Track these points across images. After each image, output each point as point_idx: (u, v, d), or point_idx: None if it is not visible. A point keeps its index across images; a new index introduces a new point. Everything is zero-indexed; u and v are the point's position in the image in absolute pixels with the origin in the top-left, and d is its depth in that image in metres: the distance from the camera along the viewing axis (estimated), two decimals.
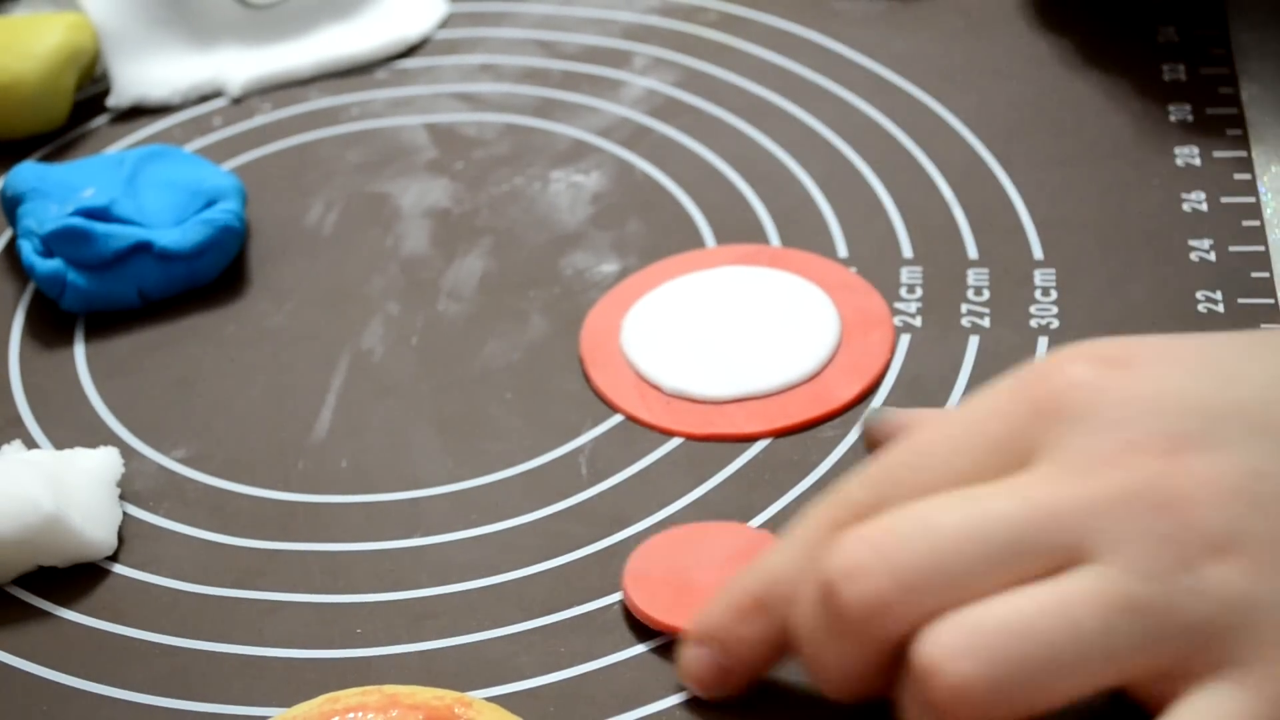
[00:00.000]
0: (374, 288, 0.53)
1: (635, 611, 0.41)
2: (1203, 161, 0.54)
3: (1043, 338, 0.48)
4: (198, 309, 0.53)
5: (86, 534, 0.44)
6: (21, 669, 0.42)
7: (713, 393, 0.47)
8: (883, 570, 0.33)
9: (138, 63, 0.62)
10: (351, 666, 0.42)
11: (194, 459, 0.48)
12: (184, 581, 0.44)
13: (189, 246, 0.52)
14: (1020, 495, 0.33)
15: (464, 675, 0.41)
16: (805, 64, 0.61)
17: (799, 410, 0.46)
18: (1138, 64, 0.58)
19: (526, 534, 0.45)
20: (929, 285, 0.51)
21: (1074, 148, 0.55)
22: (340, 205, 0.57)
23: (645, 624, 0.41)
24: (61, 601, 0.44)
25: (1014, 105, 0.57)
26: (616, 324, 0.50)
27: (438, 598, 0.43)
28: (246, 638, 0.43)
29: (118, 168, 0.54)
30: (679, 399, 0.47)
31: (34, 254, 0.52)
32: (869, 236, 0.53)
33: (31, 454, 0.46)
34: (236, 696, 0.41)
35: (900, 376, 0.48)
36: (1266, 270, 0.49)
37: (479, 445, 0.47)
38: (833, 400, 0.47)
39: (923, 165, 0.55)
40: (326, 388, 0.50)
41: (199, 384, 0.50)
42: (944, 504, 0.34)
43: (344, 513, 0.46)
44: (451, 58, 0.63)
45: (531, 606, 0.43)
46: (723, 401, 0.47)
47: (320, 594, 0.44)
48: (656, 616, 0.40)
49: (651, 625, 0.41)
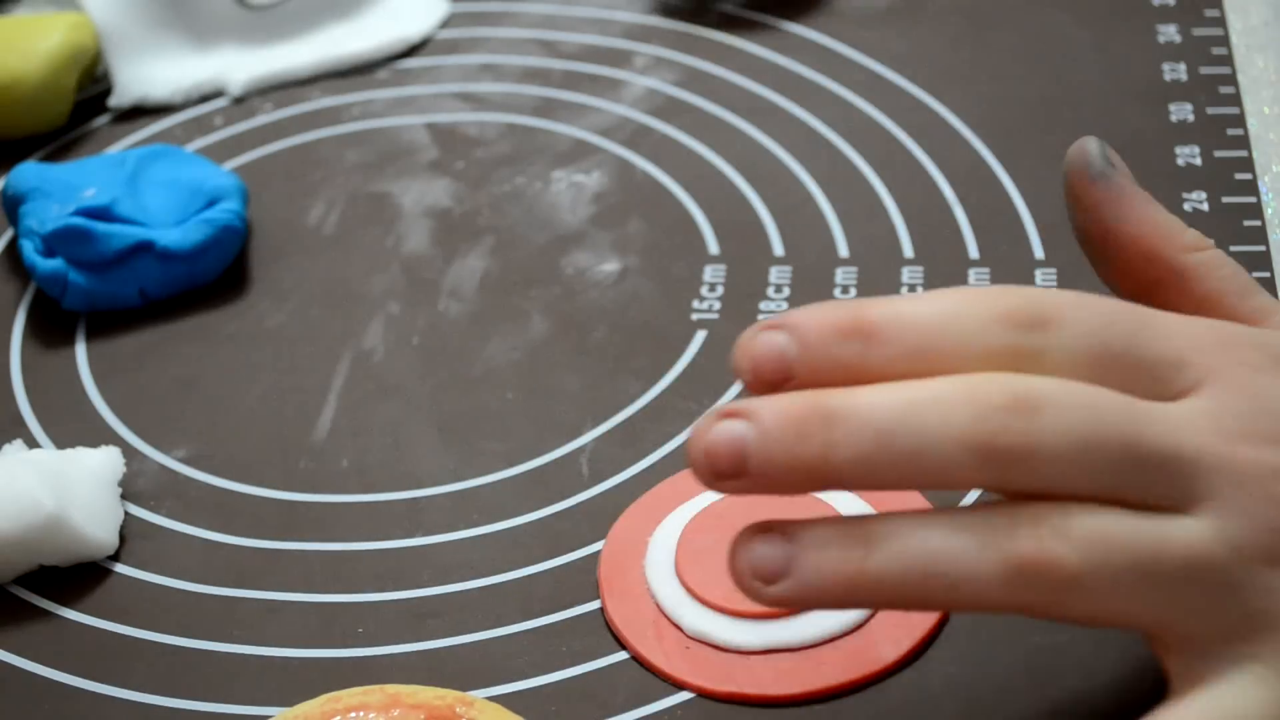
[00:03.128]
0: (375, 287, 0.53)
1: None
2: (1203, 161, 0.54)
3: None
4: (199, 309, 0.53)
5: (88, 533, 0.44)
6: (23, 668, 0.42)
7: (737, 639, 0.41)
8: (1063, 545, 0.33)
9: (139, 62, 0.62)
10: (353, 666, 0.42)
11: (195, 458, 0.48)
12: (185, 581, 0.44)
13: (190, 246, 0.52)
14: (1175, 426, 0.33)
15: (465, 675, 0.41)
16: (805, 64, 0.61)
17: (834, 670, 0.40)
18: (1138, 63, 0.58)
19: (527, 534, 0.45)
20: (930, 285, 0.51)
21: None
22: (341, 205, 0.57)
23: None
24: (63, 601, 0.44)
25: (1014, 105, 0.57)
26: (644, 539, 0.44)
27: (439, 597, 0.43)
28: (248, 637, 0.43)
29: (119, 167, 0.54)
30: (699, 642, 0.41)
31: (35, 253, 0.52)
32: (869, 236, 0.53)
33: (33, 453, 0.46)
34: (238, 696, 0.41)
35: None
36: (1268, 270, 0.49)
37: (480, 445, 0.47)
38: (875, 660, 0.40)
39: (923, 165, 0.55)
40: (328, 387, 0.50)
41: (200, 383, 0.50)
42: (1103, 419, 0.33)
43: (345, 512, 0.46)
44: (452, 57, 0.63)
45: (533, 606, 0.43)
46: (748, 652, 0.40)
47: (322, 593, 0.44)
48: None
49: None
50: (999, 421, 0.32)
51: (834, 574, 0.33)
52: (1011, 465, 0.32)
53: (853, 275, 0.51)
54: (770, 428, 0.33)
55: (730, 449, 0.33)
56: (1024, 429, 0.32)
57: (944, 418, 0.33)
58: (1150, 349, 0.34)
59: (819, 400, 0.33)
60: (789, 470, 0.33)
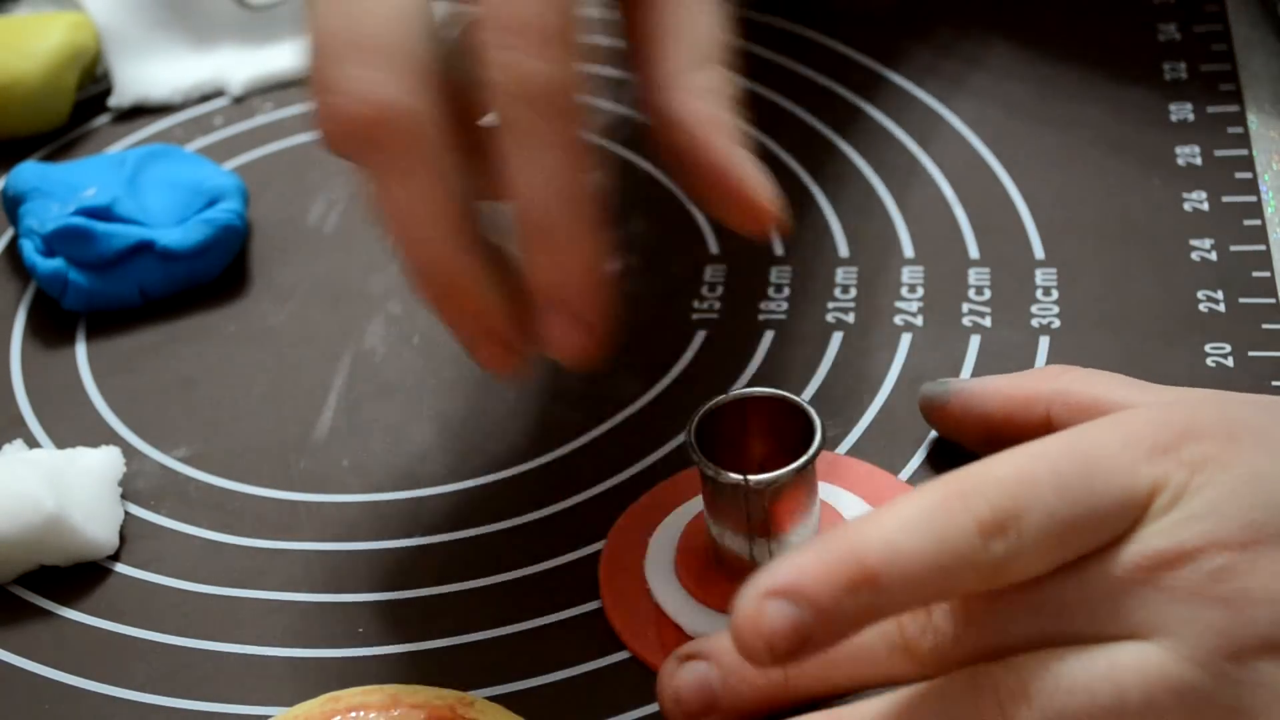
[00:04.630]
0: (375, 287, 0.53)
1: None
2: (1204, 160, 0.54)
3: (1044, 337, 0.48)
4: (199, 308, 0.53)
5: (88, 533, 0.44)
6: (23, 668, 0.42)
7: None
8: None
9: (139, 62, 0.62)
10: (353, 666, 0.42)
11: (195, 458, 0.48)
12: (185, 580, 0.44)
13: (190, 246, 0.52)
14: (1098, 573, 0.34)
15: (466, 674, 0.41)
16: (805, 64, 0.61)
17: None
18: (1139, 62, 0.58)
19: (527, 534, 0.45)
20: (930, 285, 0.51)
21: (1075, 147, 0.55)
22: (341, 204, 0.57)
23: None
24: (63, 600, 0.44)
25: (1014, 105, 0.57)
26: (644, 540, 0.44)
27: (439, 597, 0.43)
28: (248, 637, 0.43)
29: (119, 167, 0.54)
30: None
31: (35, 253, 0.52)
32: (869, 236, 0.53)
33: (33, 453, 0.46)
34: (238, 696, 0.41)
35: (901, 376, 0.48)
36: (1268, 270, 0.49)
37: (480, 445, 0.47)
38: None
39: (923, 165, 0.55)
40: (328, 387, 0.50)
41: (201, 383, 0.50)
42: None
43: (345, 512, 0.46)
44: None
45: (533, 606, 0.43)
46: None
47: (322, 593, 0.44)
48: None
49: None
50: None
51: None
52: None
53: (853, 275, 0.51)
54: (733, 667, 0.35)
55: (698, 693, 0.37)
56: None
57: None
58: (1100, 503, 0.34)
59: None
60: (756, 702, 0.37)
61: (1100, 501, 0.34)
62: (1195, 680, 0.33)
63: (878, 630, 0.35)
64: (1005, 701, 0.33)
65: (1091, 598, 0.34)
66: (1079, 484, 0.34)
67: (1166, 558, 0.33)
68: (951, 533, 0.33)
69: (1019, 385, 0.42)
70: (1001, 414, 0.42)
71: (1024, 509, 0.33)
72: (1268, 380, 0.46)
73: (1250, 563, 0.33)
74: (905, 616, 0.35)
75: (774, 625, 0.32)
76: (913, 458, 0.45)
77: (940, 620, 0.35)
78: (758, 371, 0.49)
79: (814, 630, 0.32)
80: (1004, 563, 0.33)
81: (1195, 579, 0.33)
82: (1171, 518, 0.34)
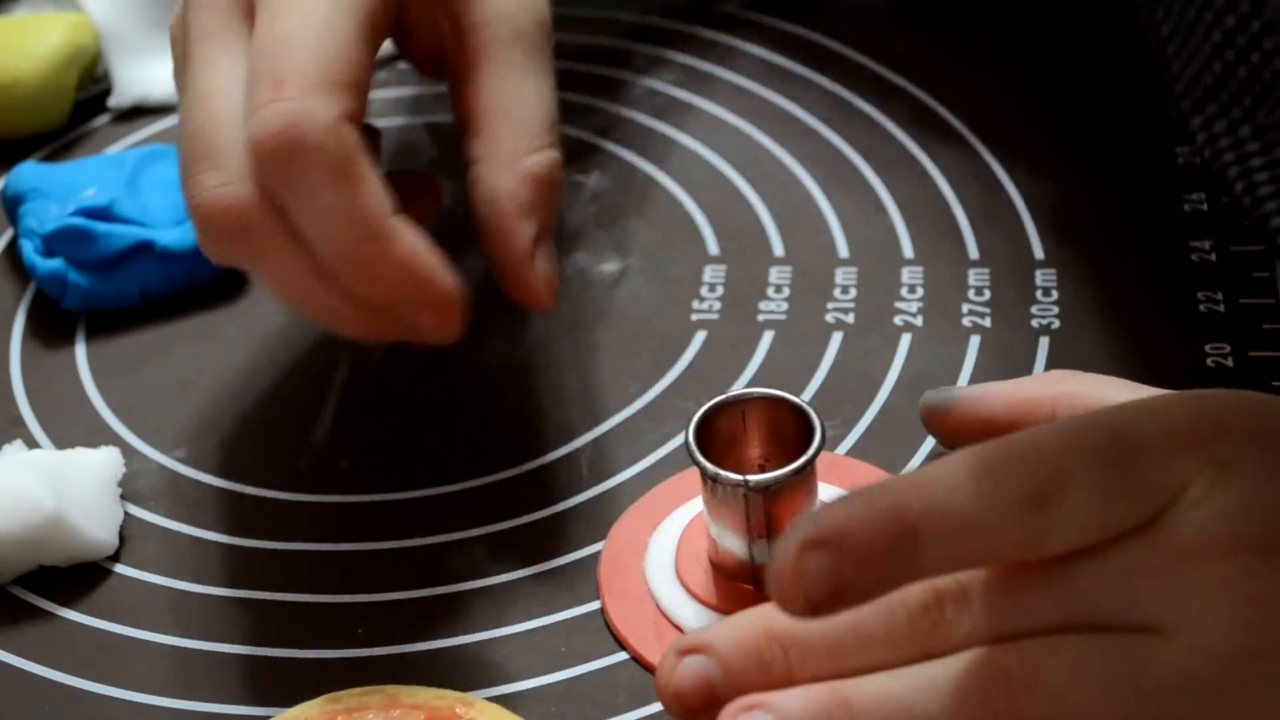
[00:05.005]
0: None
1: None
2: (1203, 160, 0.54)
3: (1044, 337, 0.48)
4: (199, 309, 0.53)
5: (87, 533, 0.44)
6: (22, 668, 0.42)
7: None
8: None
9: (139, 62, 0.62)
10: (353, 666, 0.42)
11: (195, 458, 0.48)
12: (185, 581, 0.44)
13: (190, 246, 0.52)
14: (1124, 560, 0.34)
15: (465, 675, 0.41)
16: (805, 64, 0.61)
17: None
18: (1138, 59, 0.58)
19: (527, 534, 0.45)
20: (930, 285, 0.51)
21: (1075, 147, 0.55)
22: None
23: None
24: (62, 601, 0.44)
25: (1014, 105, 0.57)
26: (644, 540, 0.44)
27: (439, 597, 0.43)
28: (247, 638, 0.43)
29: (119, 167, 0.54)
30: None
31: (35, 254, 0.52)
32: (869, 236, 0.53)
33: (33, 453, 0.46)
34: (237, 696, 0.41)
35: (901, 376, 0.48)
36: (1268, 270, 0.49)
37: (480, 445, 0.47)
38: None
39: (923, 165, 0.55)
40: (327, 387, 0.50)
41: (200, 383, 0.50)
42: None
43: (345, 512, 0.46)
44: None
45: (533, 606, 0.43)
46: None
47: (321, 594, 0.44)
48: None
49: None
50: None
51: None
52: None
53: (853, 275, 0.51)
54: (731, 660, 0.35)
55: (697, 687, 0.36)
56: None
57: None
58: (1138, 487, 0.34)
59: (769, 627, 0.35)
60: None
61: (1137, 484, 0.33)
62: (1212, 677, 0.33)
63: (886, 621, 0.35)
64: (1016, 688, 0.33)
65: (1115, 585, 0.33)
66: (1119, 464, 0.33)
67: (1194, 551, 0.33)
68: (996, 499, 0.33)
69: (1022, 389, 0.42)
70: (1007, 418, 0.42)
71: (1068, 483, 0.33)
72: (1268, 380, 0.46)
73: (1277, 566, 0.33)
74: (918, 611, 0.35)
75: (813, 576, 0.32)
76: (913, 458, 0.45)
77: (953, 613, 0.35)
78: (758, 371, 0.49)
79: (852, 584, 0.32)
80: (1044, 534, 0.33)
81: (1221, 575, 0.33)
82: (1204, 510, 0.33)
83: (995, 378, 0.47)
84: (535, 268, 0.44)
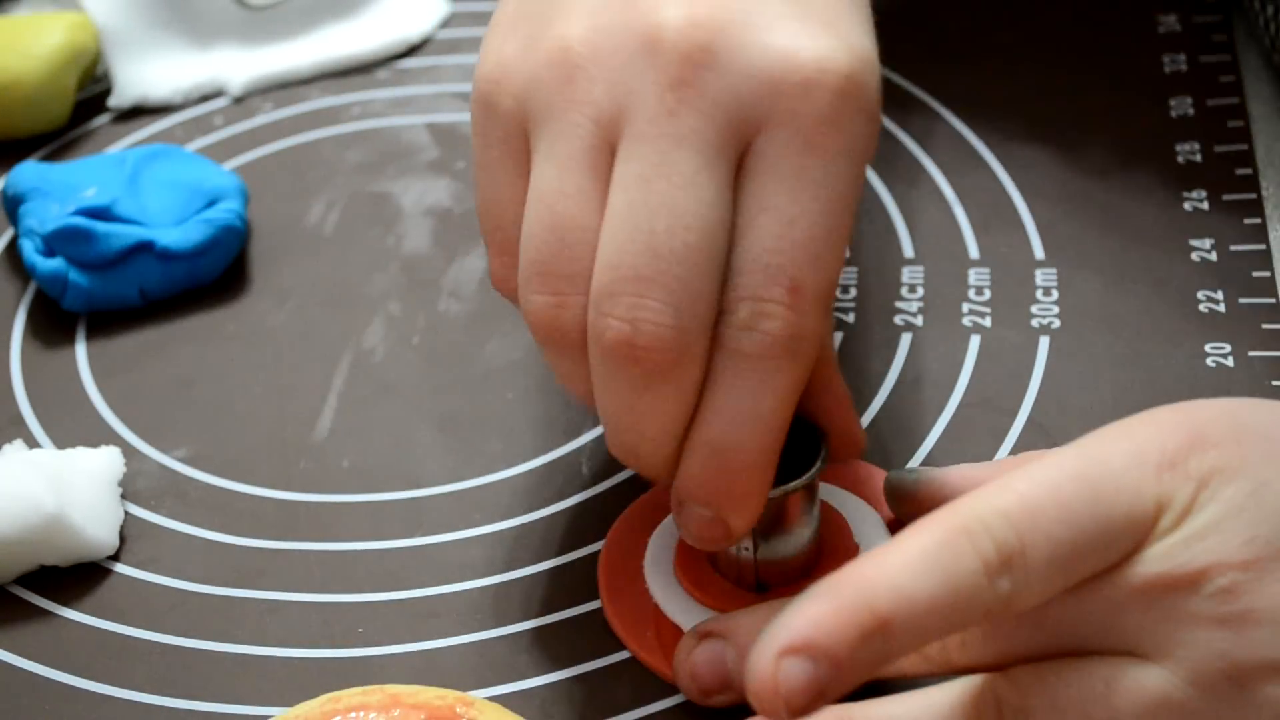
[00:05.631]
0: (375, 287, 0.53)
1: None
2: (1204, 158, 0.54)
3: (1044, 337, 0.48)
4: (199, 309, 0.53)
5: (88, 533, 0.44)
6: (23, 668, 0.42)
7: None
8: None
9: (139, 62, 0.62)
10: (353, 666, 0.42)
11: (195, 458, 0.48)
12: (185, 581, 0.44)
13: (190, 246, 0.52)
14: (1100, 596, 0.34)
15: (465, 675, 0.41)
16: None
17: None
18: (1139, 56, 0.58)
19: (527, 534, 0.45)
20: (930, 285, 0.51)
21: (1075, 147, 0.55)
22: (341, 205, 0.57)
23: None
24: (63, 601, 0.44)
25: (1014, 105, 0.57)
26: (644, 540, 0.44)
27: (439, 597, 0.43)
28: (248, 637, 0.43)
29: (119, 167, 0.54)
30: None
31: (35, 253, 0.52)
32: (870, 236, 0.53)
33: (33, 453, 0.46)
34: (238, 696, 0.41)
35: (901, 376, 0.48)
36: (1268, 269, 0.49)
37: (480, 445, 0.47)
38: None
39: (923, 165, 0.55)
40: (328, 387, 0.50)
41: (200, 383, 0.50)
42: None
43: (345, 512, 0.46)
44: (453, 57, 0.63)
45: (532, 606, 0.43)
46: None
47: (322, 593, 0.44)
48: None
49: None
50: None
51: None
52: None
53: (853, 275, 0.51)
54: (748, 647, 0.34)
55: (713, 670, 0.38)
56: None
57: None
58: (1105, 527, 0.34)
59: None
60: None
61: (1105, 526, 0.33)
62: (1194, 703, 0.33)
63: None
64: (1006, 716, 0.34)
65: (1093, 620, 0.34)
66: (1084, 509, 0.33)
67: (1168, 581, 0.33)
68: (959, 573, 0.33)
69: (989, 469, 0.42)
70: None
71: (1029, 543, 0.33)
72: (1268, 380, 0.46)
73: (1254, 581, 0.33)
74: None
75: (791, 684, 0.32)
76: (912, 458, 0.45)
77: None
78: None
79: (830, 683, 0.32)
80: (1011, 597, 0.33)
81: (1197, 602, 0.33)
82: (1175, 538, 0.33)
83: (995, 378, 0.47)
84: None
